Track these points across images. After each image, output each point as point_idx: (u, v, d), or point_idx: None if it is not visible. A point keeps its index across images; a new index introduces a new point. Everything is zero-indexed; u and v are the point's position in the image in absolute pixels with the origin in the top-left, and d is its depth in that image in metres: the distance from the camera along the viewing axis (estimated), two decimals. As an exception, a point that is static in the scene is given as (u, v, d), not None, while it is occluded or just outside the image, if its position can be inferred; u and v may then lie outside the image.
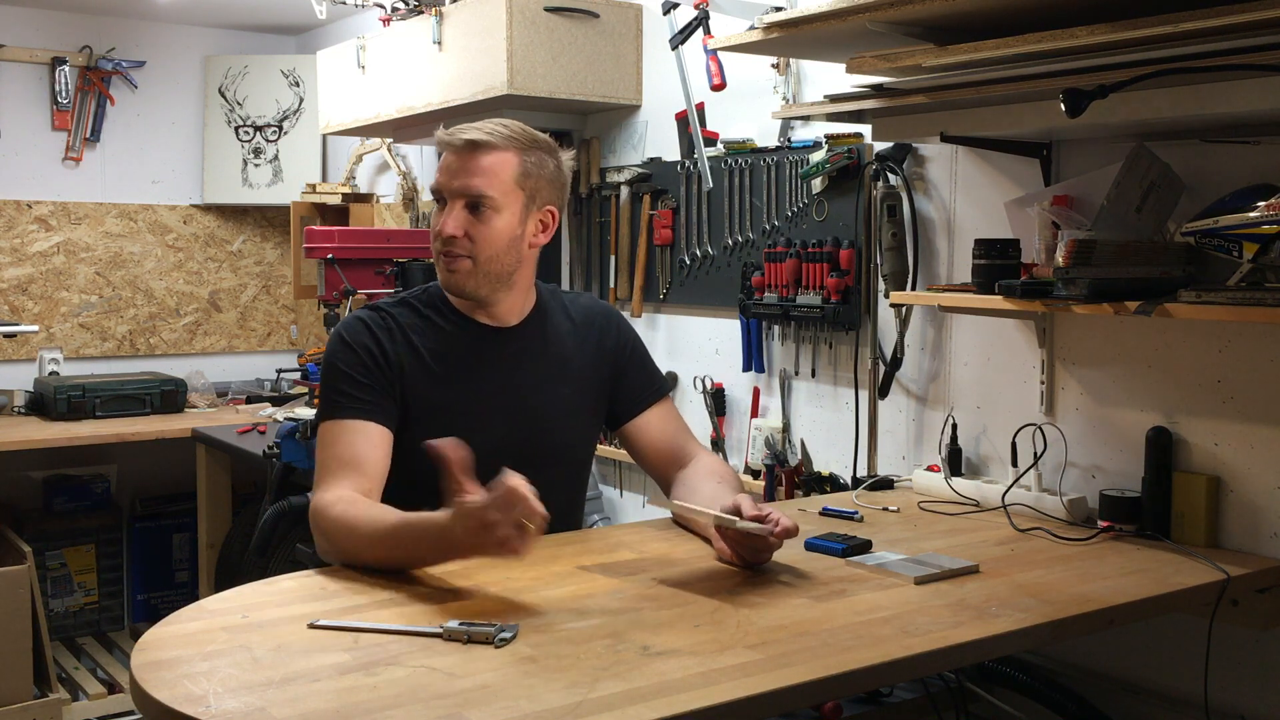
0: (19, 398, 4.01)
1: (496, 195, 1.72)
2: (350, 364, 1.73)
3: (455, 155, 1.73)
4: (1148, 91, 1.67)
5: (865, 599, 1.53)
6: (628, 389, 1.91)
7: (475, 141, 1.71)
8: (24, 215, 4.36)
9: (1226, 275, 1.75)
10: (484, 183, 1.71)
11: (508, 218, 1.74)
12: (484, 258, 1.73)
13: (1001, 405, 2.27)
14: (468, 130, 1.72)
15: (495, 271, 1.75)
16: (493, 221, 1.73)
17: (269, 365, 4.74)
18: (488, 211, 1.72)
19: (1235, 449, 1.92)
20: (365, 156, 4.49)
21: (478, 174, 1.71)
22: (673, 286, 3.03)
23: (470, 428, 1.75)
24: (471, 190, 1.71)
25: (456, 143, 1.72)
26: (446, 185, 1.73)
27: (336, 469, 1.66)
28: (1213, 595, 1.71)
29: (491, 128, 1.73)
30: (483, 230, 1.72)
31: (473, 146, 1.71)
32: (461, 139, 1.71)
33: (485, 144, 1.71)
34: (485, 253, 1.73)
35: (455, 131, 1.73)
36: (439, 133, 1.75)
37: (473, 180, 1.71)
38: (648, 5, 3.11)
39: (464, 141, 1.71)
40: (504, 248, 1.74)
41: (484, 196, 1.71)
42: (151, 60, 4.56)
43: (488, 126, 1.73)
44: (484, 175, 1.71)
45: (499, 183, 1.72)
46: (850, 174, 2.51)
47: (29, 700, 3.34)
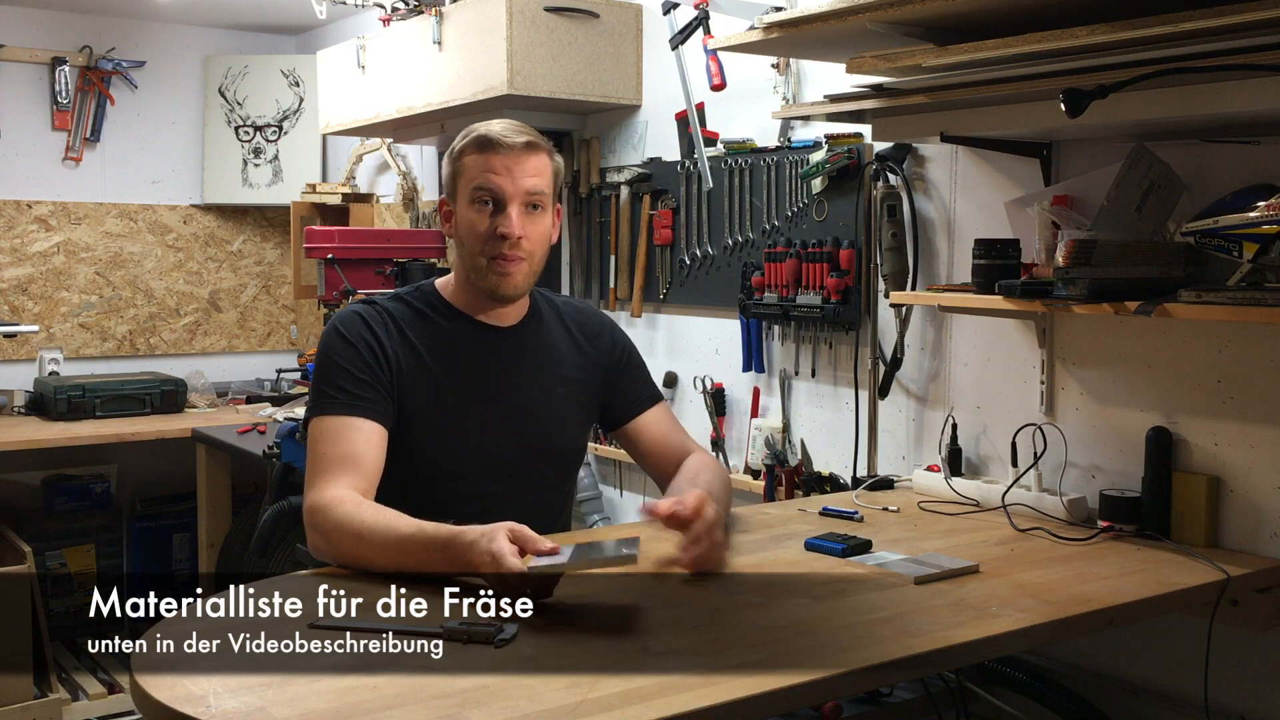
0: (19, 398, 4.01)
1: (547, 194, 1.76)
2: (348, 359, 1.72)
3: (511, 157, 1.73)
4: (1148, 91, 1.67)
5: (865, 599, 1.53)
6: (624, 394, 1.92)
7: (531, 143, 1.74)
8: (24, 215, 4.36)
9: (1226, 275, 1.75)
10: (540, 182, 1.75)
11: (550, 216, 1.79)
12: (537, 257, 1.77)
13: (1001, 405, 2.27)
14: (519, 132, 1.75)
15: (538, 270, 1.80)
16: (542, 221, 1.77)
17: (269, 365, 4.74)
18: (540, 211, 1.76)
19: (1235, 449, 1.92)
20: (365, 156, 4.49)
21: (535, 174, 1.74)
22: (673, 286, 3.03)
23: (465, 426, 1.75)
24: (534, 190, 1.74)
25: (516, 144, 1.73)
26: (508, 187, 1.73)
27: (333, 466, 1.65)
28: (1213, 595, 1.71)
29: (529, 129, 1.77)
30: (536, 229, 1.76)
31: (529, 148, 1.74)
32: (520, 140, 1.73)
33: (536, 145, 1.75)
34: (539, 252, 1.77)
35: (508, 133, 1.74)
36: (480, 135, 1.74)
37: (533, 179, 1.74)
38: (648, 5, 3.11)
39: (523, 143, 1.74)
40: (546, 246, 1.80)
41: (541, 194, 1.75)
42: (151, 60, 4.56)
43: (526, 128, 1.76)
44: (539, 175, 1.75)
45: (546, 182, 1.76)
46: (850, 174, 2.51)
47: (29, 700, 3.34)
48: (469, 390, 1.77)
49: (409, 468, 1.72)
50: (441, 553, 1.50)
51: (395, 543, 1.53)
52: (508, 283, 1.75)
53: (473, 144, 1.74)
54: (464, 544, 1.48)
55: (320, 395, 1.71)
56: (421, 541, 1.52)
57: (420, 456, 1.73)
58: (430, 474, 1.74)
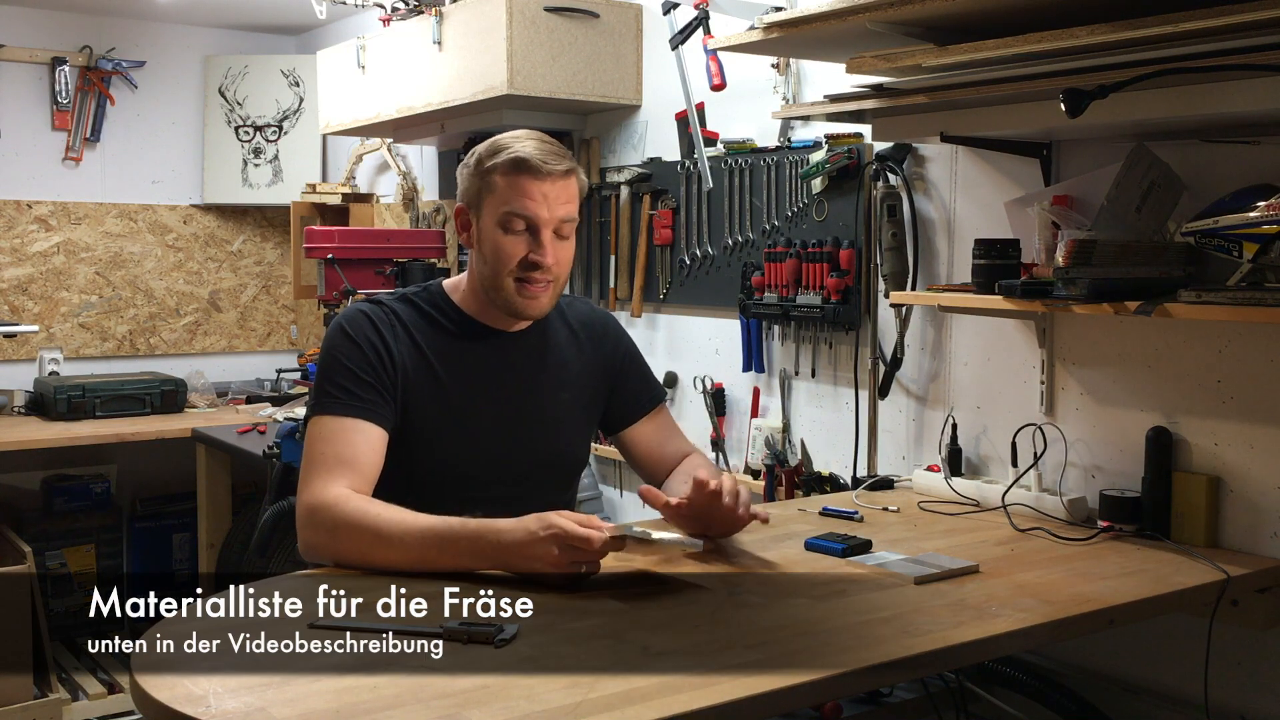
0: (19, 398, 4.01)
1: (578, 219, 1.75)
2: (353, 359, 1.70)
3: (549, 183, 1.69)
4: (1148, 91, 1.67)
5: (865, 599, 1.53)
6: (625, 396, 1.91)
7: (570, 170, 1.72)
8: (24, 215, 4.36)
9: (1226, 275, 1.75)
10: (574, 209, 1.73)
11: (574, 238, 1.77)
12: (564, 279, 1.76)
13: (1001, 405, 2.27)
14: (558, 158, 1.70)
15: (563, 289, 1.79)
16: (570, 244, 1.75)
17: (269, 365, 4.74)
18: (570, 237, 1.74)
19: (1235, 449, 1.92)
20: (365, 156, 4.49)
21: (570, 200, 1.72)
22: (673, 286, 3.03)
23: (470, 431, 1.75)
24: (568, 218, 1.72)
25: (556, 172, 1.69)
26: (543, 214, 1.69)
27: (333, 466, 1.64)
28: (1213, 595, 1.71)
29: (563, 150, 1.73)
30: (565, 254, 1.74)
31: (568, 175, 1.71)
32: (561, 168, 1.69)
33: (573, 171, 1.73)
34: (565, 274, 1.76)
35: (548, 159, 1.69)
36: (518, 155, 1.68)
37: (568, 207, 1.72)
38: (648, 5, 3.11)
39: (564, 170, 1.70)
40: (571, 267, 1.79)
41: (572, 221, 1.73)
42: (151, 60, 4.56)
43: (561, 151, 1.72)
44: (573, 201, 1.73)
45: (577, 207, 1.74)
46: (850, 174, 2.51)
47: (29, 700, 3.34)
48: (474, 395, 1.77)
49: (412, 472, 1.72)
50: (470, 545, 1.50)
51: (417, 537, 1.52)
52: (535, 305, 1.74)
53: (509, 164, 1.68)
54: (496, 537, 1.49)
55: (322, 394, 1.70)
56: (447, 535, 1.51)
57: (424, 461, 1.73)
58: (434, 478, 1.73)
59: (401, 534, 1.54)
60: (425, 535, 1.53)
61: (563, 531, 1.47)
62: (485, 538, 1.50)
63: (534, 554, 1.47)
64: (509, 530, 1.49)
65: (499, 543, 1.49)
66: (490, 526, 1.50)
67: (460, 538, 1.51)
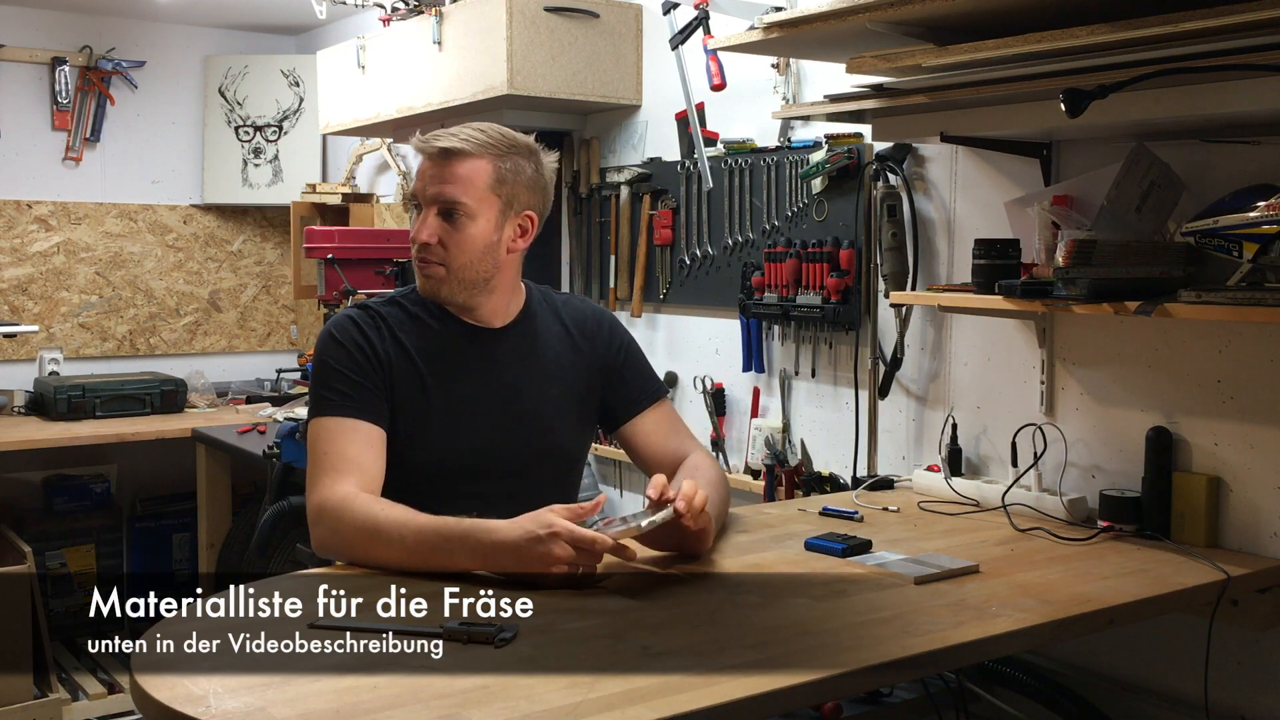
0: (19, 398, 4.01)
1: (470, 202, 1.74)
2: (342, 361, 1.73)
3: (431, 162, 1.74)
4: (1148, 91, 1.67)
5: (865, 599, 1.53)
6: (624, 391, 1.91)
7: (449, 149, 1.73)
8: (24, 215, 4.36)
9: (1226, 275, 1.75)
10: (457, 190, 1.73)
11: (482, 224, 1.75)
12: (457, 265, 1.75)
13: (1001, 405, 2.27)
14: (443, 137, 1.74)
15: (470, 278, 1.77)
16: (467, 229, 1.74)
17: (269, 365, 4.74)
18: (462, 219, 1.74)
19: (1235, 449, 1.92)
20: (365, 156, 4.49)
21: (451, 181, 1.73)
22: (673, 286, 3.03)
23: (457, 428, 1.76)
24: (445, 197, 1.73)
25: (431, 150, 1.74)
26: (422, 192, 1.75)
27: (337, 466, 1.66)
28: (1213, 595, 1.71)
29: (467, 134, 1.75)
30: (456, 237, 1.74)
31: (447, 154, 1.73)
32: (436, 146, 1.73)
33: (459, 151, 1.73)
34: (459, 260, 1.75)
35: (431, 139, 1.74)
36: (415, 140, 1.77)
37: (446, 188, 1.73)
38: (648, 5, 3.11)
39: (439, 149, 1.73)
40: (478, 254, 1.76)
41: (457, 204, 1.73)
42: (151, 60, 4.56)
43: (464, 133, 1.75)
44: (458, 183, 1.73)
45: (473, 190, 1.74)
46: (850, 174, 2.51)
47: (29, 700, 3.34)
48: (458, 391, 1.77)
49: (401, 469, 1.73)
50: (464, 544, 1.50)
51: (414, 537, 1.53)
52: (427, 285, 1.78)
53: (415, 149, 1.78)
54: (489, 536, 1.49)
55: (318, 399, 1.73)
56: (443, 534, 1.52)
57: (411, 457, 1.73)
58: (422, 475, 1.74)
59: (400, 533, 1.55)
60: (422, 534, 1.53)
61: (566, 532, 1.47)
62: (477, 537, 1.50)
63: (533, 554, 1.47)
64: (504, 530, 1.49)
65: (493, 542, 1.49)
66: (483, 526, 1.50)
67: (454, 536, 1.51)
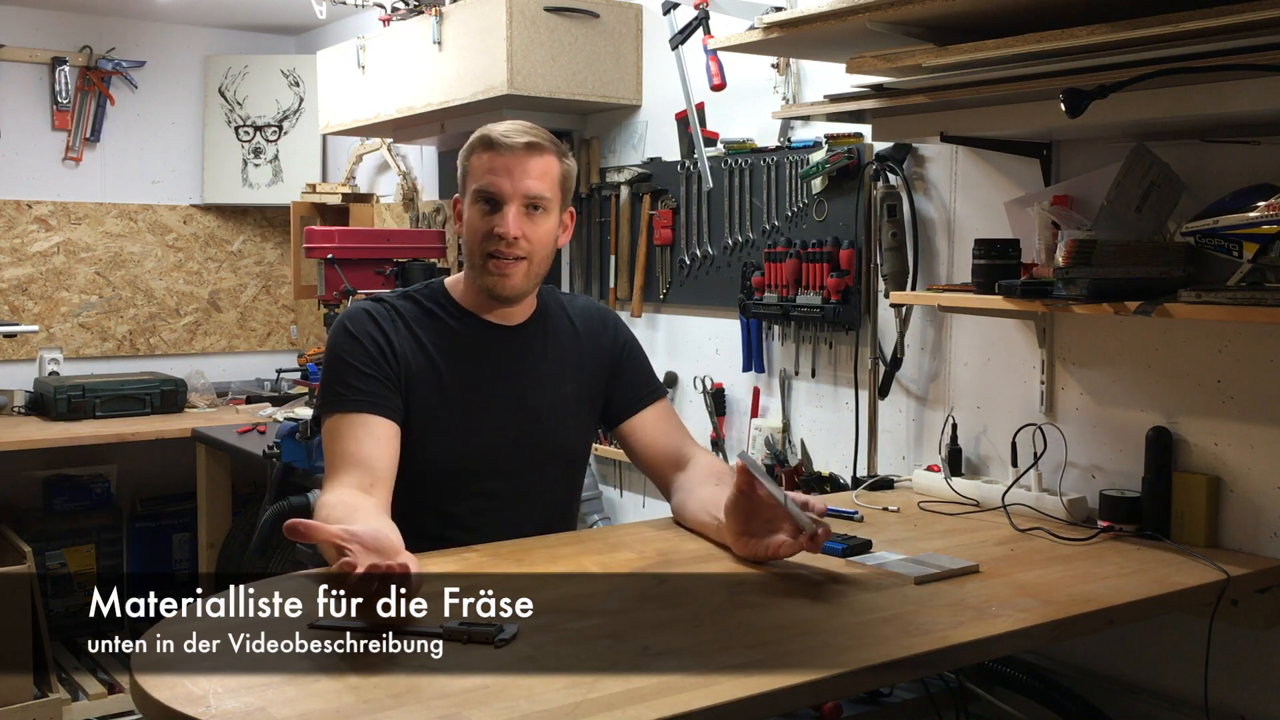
0: (19, 398, 4.01)
1: (550, 197, 1.76)
2: (355, 355, 1.72)
3: (512, 157, 1.73)
4: (1148, 91, 1.67)
5: (865, 599, 1.53)
6: (624, 389, 1.91)
7: (534, 144, 1.74)
8: (24, 215, 4.36)
9: (1226, 275, 1.75)
10: (542, 185, 1.75)
11: (553, 219, 1.78)
12: (538, 258, 1.77)
13: (1001, 405, 2.27)
14: (522, 133, 1.75)
15: (540, 273, 1.80)
16: (544, 223, 1.76)
17: (269, 365, 4.74)
18: (541, 214, 1.76)
19: (1235, 449, 1.92)
20: (365, 156, 4.49)
21: (536, 175, 1.74)
22: (673, 286, 3.03)
23: (470, 424, 1.76)
24: (533, 192, 1.74)
25: (516, 145, 1.73)
26: (505, 187, 1.73)
27: (342, 466, 1.66)
28: (1213, 595, 1.71)
29: (537, 131, 1.77)
30: (537, 231, 1.75)
31: (530, 149, 1.74)
32: (522, 141, 1.74)
33: (540, 146, 1.75)
34: (539, 253, 1.77)
35: (510, 134, 1.74)
36: (485, 134, 1.76)
37: (533, 182, 1.74)
38: (648, 5, 3.11)
39: (525, 144, 1.74)
40: (550, 250, 1.80)
41: (542, 198, 1.75)
42: (151, 60, 4.56)
43: (533, 130, 1.76)
44: (540, 178, 1.75)
45: (550, 185, 1.76)
46: (850, 174, 2.51)
47: (29, 700, 3.34)
48: (475, 389, 1.77)
49: (414, 465, 1.73)
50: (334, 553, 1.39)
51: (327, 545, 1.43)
52: (504, 283, 1.76)
53: (478, 144, 1.76)
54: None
55: (330, 393, 1.72)
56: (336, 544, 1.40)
57: (425, 454, 1.73)
58: (435, 471, 1.74)
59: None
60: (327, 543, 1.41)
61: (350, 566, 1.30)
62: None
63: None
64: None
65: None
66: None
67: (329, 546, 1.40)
